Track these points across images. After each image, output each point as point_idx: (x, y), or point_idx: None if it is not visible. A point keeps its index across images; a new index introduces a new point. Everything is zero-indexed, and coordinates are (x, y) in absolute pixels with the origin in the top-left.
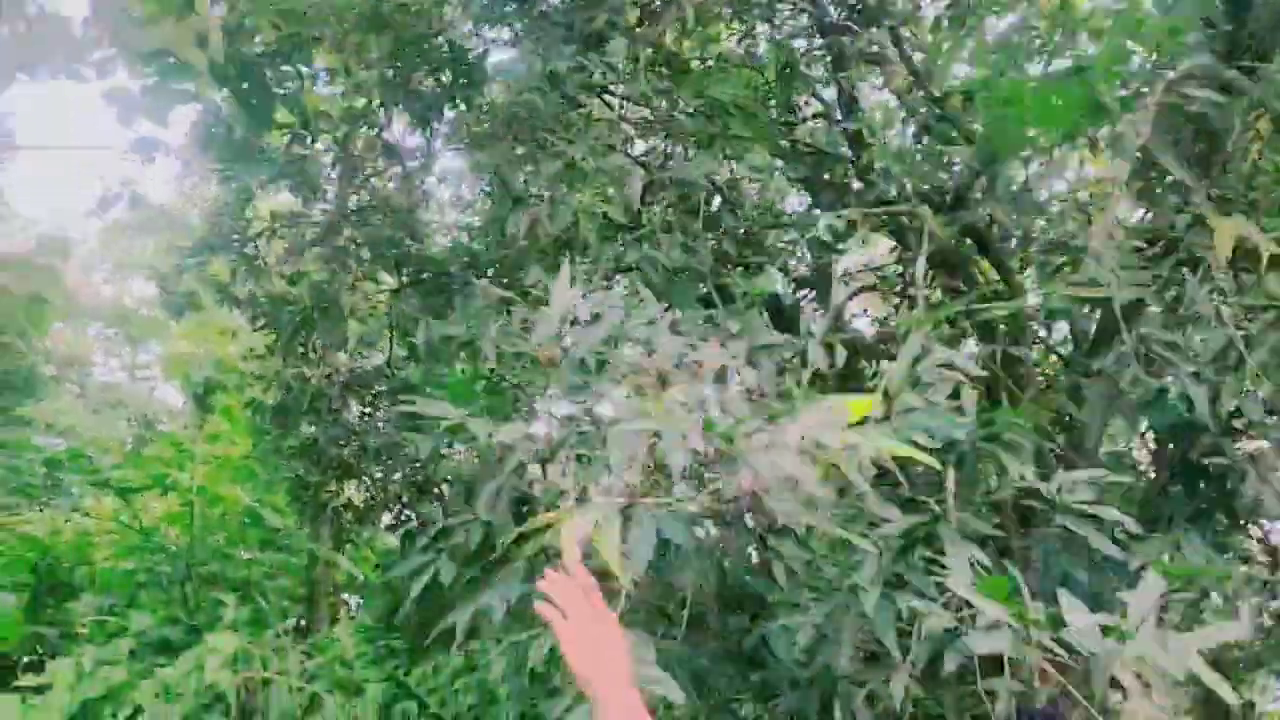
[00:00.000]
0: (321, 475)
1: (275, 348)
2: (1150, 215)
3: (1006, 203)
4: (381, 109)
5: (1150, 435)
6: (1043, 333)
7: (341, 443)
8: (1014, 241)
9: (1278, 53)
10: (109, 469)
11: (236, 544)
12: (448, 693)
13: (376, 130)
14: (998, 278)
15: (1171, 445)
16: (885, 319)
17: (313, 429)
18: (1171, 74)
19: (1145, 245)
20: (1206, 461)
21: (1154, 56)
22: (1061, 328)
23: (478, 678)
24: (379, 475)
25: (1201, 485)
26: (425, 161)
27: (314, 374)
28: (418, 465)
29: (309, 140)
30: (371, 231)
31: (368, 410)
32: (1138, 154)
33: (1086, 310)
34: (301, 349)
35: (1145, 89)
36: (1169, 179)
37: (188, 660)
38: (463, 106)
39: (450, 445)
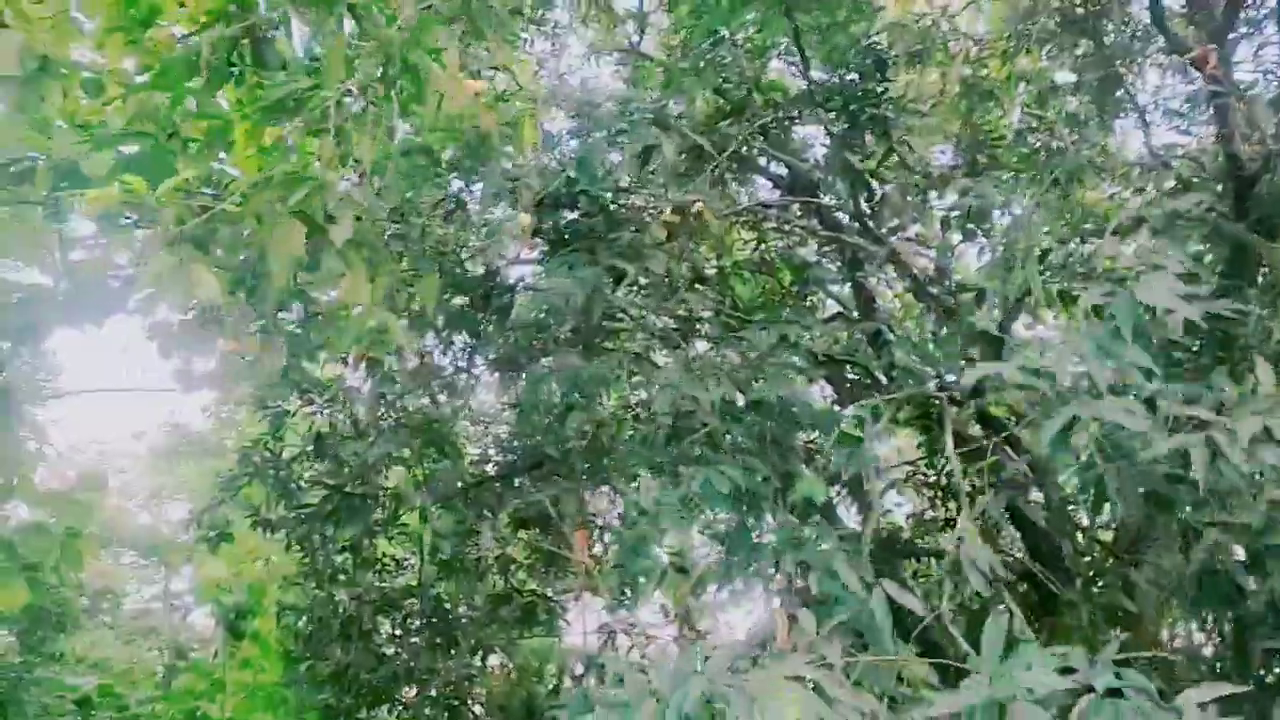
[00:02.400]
0: (352, 700)
1: (308, 571)
2: None
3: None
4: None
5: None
6: (1084, 520)
7: (372, 668)
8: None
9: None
10: (139, 703)
11: None
12: None
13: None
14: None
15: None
16: (922, 512)
17: (342, 654)
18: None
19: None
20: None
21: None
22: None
23: None
24: (410, 698)
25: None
26: (453, 379)
27: (344, 595)
28: (450, 686)
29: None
30: (400, 448)
31: (398, 632)
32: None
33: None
34: (331, 570)
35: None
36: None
37: None
38: (490, 326)
39: (483, 664)
